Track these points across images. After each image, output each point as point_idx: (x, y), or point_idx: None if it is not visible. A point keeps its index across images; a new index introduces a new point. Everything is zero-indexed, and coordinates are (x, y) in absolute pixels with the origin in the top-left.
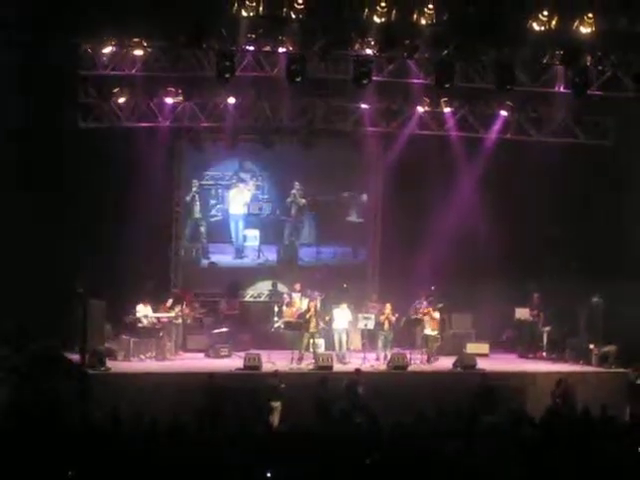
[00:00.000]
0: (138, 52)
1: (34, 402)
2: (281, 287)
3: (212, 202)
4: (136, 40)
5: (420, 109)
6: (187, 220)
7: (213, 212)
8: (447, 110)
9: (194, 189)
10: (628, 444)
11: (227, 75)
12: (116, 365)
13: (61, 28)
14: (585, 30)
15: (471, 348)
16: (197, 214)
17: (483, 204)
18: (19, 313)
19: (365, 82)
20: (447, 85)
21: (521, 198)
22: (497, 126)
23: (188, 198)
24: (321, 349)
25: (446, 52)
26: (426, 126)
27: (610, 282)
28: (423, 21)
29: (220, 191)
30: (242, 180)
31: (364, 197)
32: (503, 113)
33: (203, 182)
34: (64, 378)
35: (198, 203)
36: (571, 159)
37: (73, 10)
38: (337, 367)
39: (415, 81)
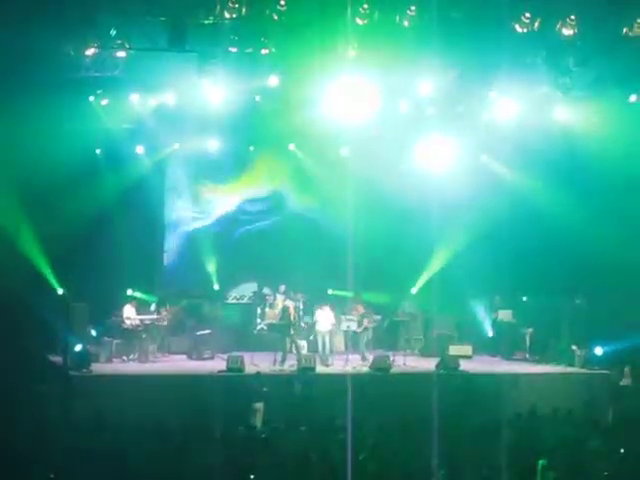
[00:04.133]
0: (121, 54)
1: (16, 405)
2: (266, 289)
3: None
4: (118, 42)
5: None
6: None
7: None
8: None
9: None
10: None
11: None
12: (98, 367)
13: (44, 30)
14: (568, 32)
15: (454, 350)
16: None
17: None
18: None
19: None
20: None
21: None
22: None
23: None
24: (304, 351)
25: None
26: None
27: (593, 282)
28: (406, 23)
29: None
30: None
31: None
32: None
33: None
34: (46, 380)
35: None
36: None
37: (55, 12)
38: (320, 369)
39: None
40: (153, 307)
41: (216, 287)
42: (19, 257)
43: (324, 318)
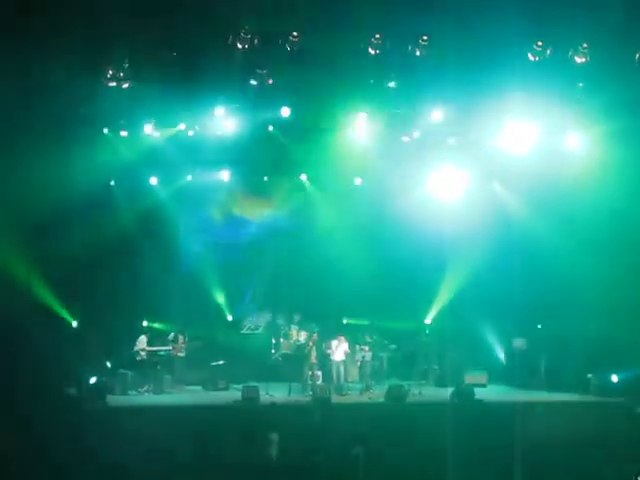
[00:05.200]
0: (134, 86)
1: (32, 437)
2: (280, 319)
3: None
4: (131, 74)
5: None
6: None
7: None
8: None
9: None
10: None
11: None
12: (114, 399)
13: (58, 63)
14: (580, 60)
15: (469, 378)
16: None
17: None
18: (17, 349)
19: None
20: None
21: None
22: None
23: None
24: (319, 381)
25: None
26: None
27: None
28: (418, 52)
29: None
30: None
31: None
32: None
33: None
34: (61, 413)
35: None
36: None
37: (69, 45)
38: (335, 399)
39: None
40: (171, 336)
41: (229, 318)
42: (32, 290)
43: (339, 348)
